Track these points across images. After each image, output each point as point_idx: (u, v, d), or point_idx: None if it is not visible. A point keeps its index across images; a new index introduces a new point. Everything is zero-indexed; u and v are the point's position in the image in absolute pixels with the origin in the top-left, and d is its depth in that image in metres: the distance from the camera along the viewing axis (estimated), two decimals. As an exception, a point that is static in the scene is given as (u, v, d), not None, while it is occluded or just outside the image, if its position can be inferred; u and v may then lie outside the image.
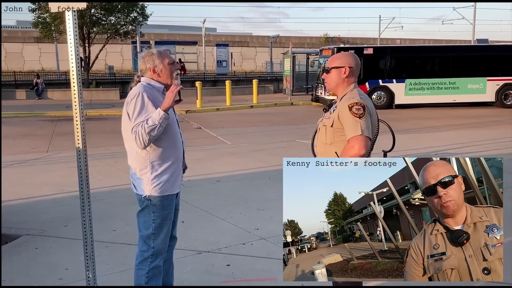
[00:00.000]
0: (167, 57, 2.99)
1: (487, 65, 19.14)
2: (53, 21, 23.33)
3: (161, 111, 2.75)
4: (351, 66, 2.81)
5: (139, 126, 2.77)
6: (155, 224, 2.98)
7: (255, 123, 14.90)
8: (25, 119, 16.14)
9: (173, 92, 2.77)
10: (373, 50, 19.00)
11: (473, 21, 33.65)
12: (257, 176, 7.21)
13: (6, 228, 4.87)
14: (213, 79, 31.04)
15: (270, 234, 4.66)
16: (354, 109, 2.64)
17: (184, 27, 52.44)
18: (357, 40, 46.52)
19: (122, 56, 38.91)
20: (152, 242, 2.99)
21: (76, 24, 3.08)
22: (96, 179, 6.73)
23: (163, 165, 2.94)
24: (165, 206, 2.99)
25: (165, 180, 2.95)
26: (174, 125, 3.01)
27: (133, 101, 2.83)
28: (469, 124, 14.01)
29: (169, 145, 2.96)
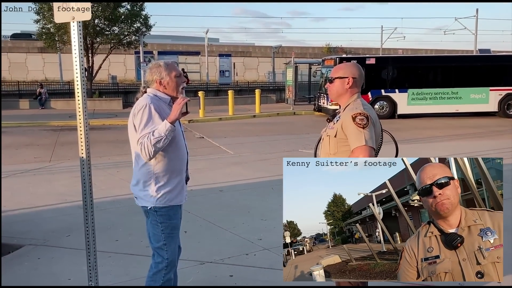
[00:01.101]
0: (174, 69, 2.99)
1: (490, 75, 19.16)
2: (57, 31, 23.50)
3: (168, 123, 2.76)
4: (355, 77, 2.81)
5: (145, 137, 2.78)
6: (165, 234, 2.99)
7: (258, 132, 14.90)
8: (28, 129, 16.19)
9: (180, 104, 2.78)
10: (375, 60, 19.04)
11: (475, 32, 33.73)
12: (260, 186, 7.21)
13: (8, 238, 4.86)
14: (216, 89, 31.12)
15: (274, 245, 4.64)
16: (358, 120, 2.64)
17: (187, 37, 52.73)
18: (359, 50, 46.64)
19: (125, 66, 39.07)
20: (165, 253, 3.00)
21: (81, 34, 3.10)
22: (99, 189, 6.72)
23: (167, 177, 2.95)
24: (171, 216, 3.00)
25: (169, 191, 2.96)
26: (180, 137, 3.01)
27: (140, 112, 2.84)
28: (471, 134, 13.99)
29: (174, 157, 2.96)
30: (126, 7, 25.37)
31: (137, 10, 25.47)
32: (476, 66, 19.29)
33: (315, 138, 3.12)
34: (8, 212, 5.81)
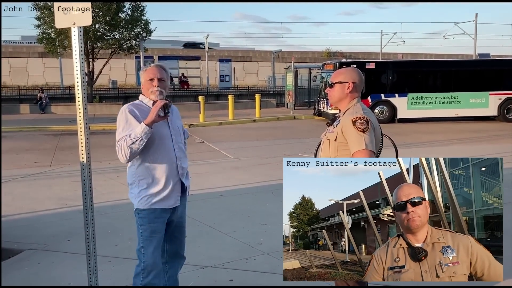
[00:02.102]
0: (148, 73, 3.00)
1: (489, 79, 19.20)
2: (57, 36, 23.57)
3: (144, 124, 2.81)
4: (355, 82, 2.83)
5: (122, 140, 2.84)
6: (143, 237, 3.00)
7: (258, 137, 14.91)
8: (29, 134, 16.21)
9: (156, 107, 2.83)
10: (375, 64, 19.09)
11: (474, 36, 33.81)
12: (260, 190, 7.21)
13: (9, 242, 4.86)
14: (216, 94, 31.18)
15: (274, 249, 4.63)
16: (358, 124, 2.65)
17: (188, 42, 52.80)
18: (359, 54, 46.74)
19: (125, 70, 39.15)
20: (143, 256, 3.00)
21: (82, 39, 3.12)
22: (99, 193, 6.73)
23: (149, 180, 2.96)
24: (152, 219, 2.98)
25: (152, 194, 2.96)
26: (166, 142, 2.99)
27: (118, 117, 2.95)
28: (471, 138, 14.00)
29: (157, 161, 2.95)
30: (127, 12, 25.46)
31: (137, 15, 25.56)
32: (476, 70, 19.34)
33: (315, 143, 3.13)
34: (8, 216, 5.81)
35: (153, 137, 2.88)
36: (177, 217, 3.12)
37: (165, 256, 3.18)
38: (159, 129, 2.93)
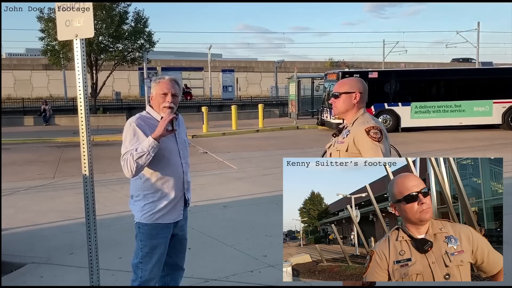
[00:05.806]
0: (162, 87, 2.90)
1: (493, 87, 19.15)
2: (61, 48, 23.73)
3: (151, 138, 2.73)
4: (361, 92, 2.81)
5: (128, 153, 2.76)
6: (142, 253, 2.91)
7: (261, 147, 14.88)
8: (32, 145, 16.23)
9: (165, 121, 2.73)
10: (378, 74, 19.08)
11: (476, 44, 33.85)
12: (264, 201, 7.15)
13: (11, 256, 4.82)
14: (219, 104, 31.27)
15: (279, 261, 4.57)
16: (372, 133, 2.62)
17: (190, 53, 53.22)
18: (362, 64, 46.86)
19: (129, 82, 39.38)
20: (140, 272, 2.92)
21: (84, 52, 3.11)
22: (102, 205, 6.69)
23: (156, 195, 2.89)
24: (153, 235, 2.90)
25: (157, 209, 2.89)
26: (173, 156, 2.94)
27: (124, 130, 2.89)
28: (476, 147, 13.92)
29: (165, 176, 2.89)
30: (130, 24, 25.64)
31: (140, 27, 25.73)
32: (479, 79, 19.30)
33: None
34: (11, 230, 5.78)
35: (161, 152, 2.80)
36: (179, 230, 3.07)
37: (165, 269, 3.11)
38: (167, 144, 2.86)
